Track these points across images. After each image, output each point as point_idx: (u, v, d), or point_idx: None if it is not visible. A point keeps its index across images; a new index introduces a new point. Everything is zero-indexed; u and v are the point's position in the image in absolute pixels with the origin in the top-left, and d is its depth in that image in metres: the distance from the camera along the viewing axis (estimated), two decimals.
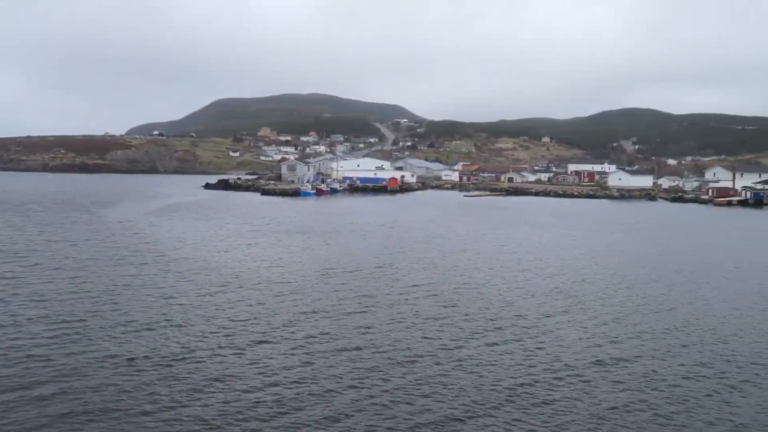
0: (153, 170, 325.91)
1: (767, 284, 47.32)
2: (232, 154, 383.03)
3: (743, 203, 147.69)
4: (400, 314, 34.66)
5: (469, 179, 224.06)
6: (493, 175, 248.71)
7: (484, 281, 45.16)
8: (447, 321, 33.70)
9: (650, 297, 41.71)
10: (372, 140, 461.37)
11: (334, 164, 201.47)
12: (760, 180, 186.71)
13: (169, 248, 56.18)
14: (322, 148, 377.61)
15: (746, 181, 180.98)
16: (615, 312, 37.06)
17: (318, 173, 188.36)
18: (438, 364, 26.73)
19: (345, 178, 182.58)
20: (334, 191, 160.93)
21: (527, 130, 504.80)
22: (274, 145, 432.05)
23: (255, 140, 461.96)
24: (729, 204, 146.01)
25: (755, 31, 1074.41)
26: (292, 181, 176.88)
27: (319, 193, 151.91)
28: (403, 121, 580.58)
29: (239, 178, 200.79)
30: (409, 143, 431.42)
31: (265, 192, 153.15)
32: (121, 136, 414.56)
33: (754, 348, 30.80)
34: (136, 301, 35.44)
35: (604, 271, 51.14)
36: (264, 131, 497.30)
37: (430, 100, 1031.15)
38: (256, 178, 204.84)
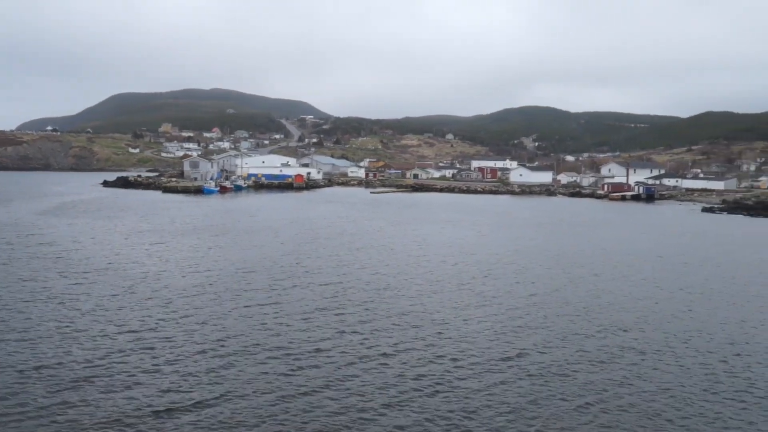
0: (46, 167, 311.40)
1: (664, 274, 49.61)
2: (131, 150, 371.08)
3: (636, 198, 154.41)
4: (312, 313, 34.34)
5: (375, 176, 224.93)
6: (399, 171, 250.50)
7: (392, 277, 45.33)
8: (357, 317, 33.64)
9: (553, 290, 42.90)
10: (277, 137, 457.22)
11: (238, 161, 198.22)
12: (651, 176, 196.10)
13: (66, 249, 53.73)
14: (226, 145, 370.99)
15: (639, 176, 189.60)
16: (520, 305, 37.93)
17: (222, 170, 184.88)
18: (347, 362, 26.63)
19: (250, 175, 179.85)
20: (238, 188, 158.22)
21: (432, 128, 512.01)
22: (176, 142, 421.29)
23: (156, 136, 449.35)
24: (623, 199, 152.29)
25: (648, 32, 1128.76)
26: (195, 179, 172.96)
27: (223, 190, 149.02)
28: (309, 117, 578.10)
29: (139, 176, 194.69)
30: (315, 140, 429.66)
31: (167, 190, 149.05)
32: (11, 131, 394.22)
33: (656, 336, 32.15)
34: (33, 307, 33.69)
35: (508, 266, 52.28)
36: (165, 127, 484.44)
37: (335, 97, 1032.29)
38: (158, 176, 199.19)
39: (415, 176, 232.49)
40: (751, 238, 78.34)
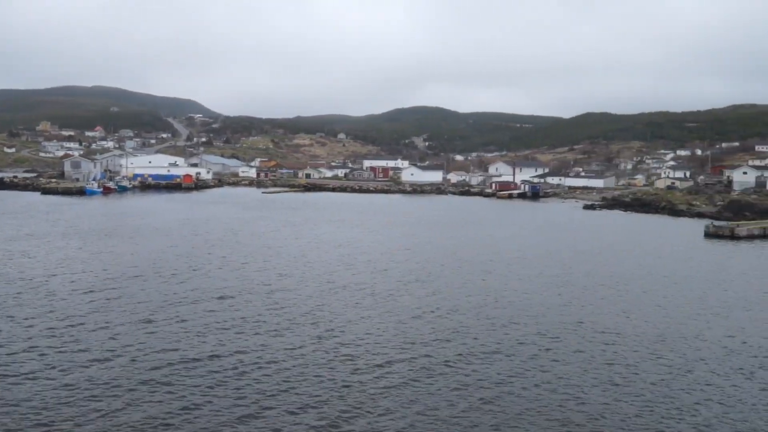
0: None
1: (550, 270, 51.37)
2: (6, 150, 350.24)
3: (523, 196, 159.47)
4: (203, 317, 33.45)
5: (266, 176, 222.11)
6: (291, 171, 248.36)
7: (287, 279, 44.80)
8: (253, 320, 33.03)
9: (444, 288, 43.59)
10: (164, 136, 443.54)
11: (123, 161, 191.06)
12: (536, 174, 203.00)
13: None
14: (110, 144, 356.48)
15: (525, 175, 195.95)
16: (413, 305, 38.31)
17: (106, 170, 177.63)
18: (242, 364, 26.10)
19: (136, 176, 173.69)
20: (123, 189, 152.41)
21: (324, 127, 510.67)
22: (55, 141, 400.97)
23: (33, 135, 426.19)
24: (510, 197, 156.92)
25: (532, 35, 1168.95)
26: (77, 179, 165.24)
27: (107, 191, 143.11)
28: (198, 116, 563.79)
29: (15, 176, 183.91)
30: (204, 139, 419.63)
31: (47, 191, 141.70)
32: None
33: (547, 329, 33.15)
34: None
35: (401, 265, 52.77)
36: (44, 125, 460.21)
37: (225, 95, 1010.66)
38: (36, 176, 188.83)
39: (308, 176, 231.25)
40: (628, 232, 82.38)
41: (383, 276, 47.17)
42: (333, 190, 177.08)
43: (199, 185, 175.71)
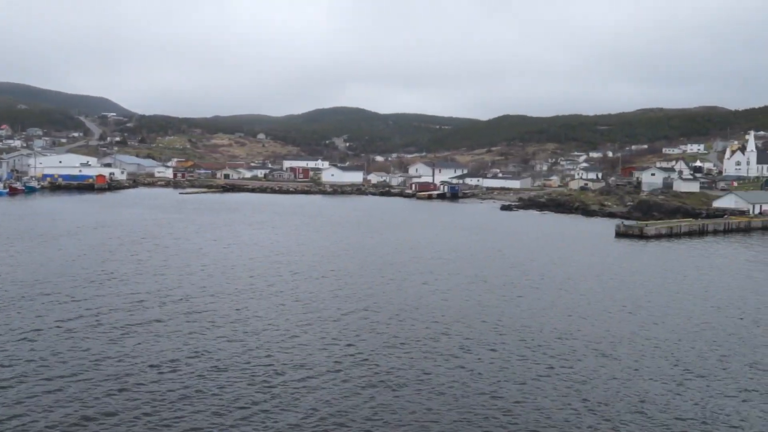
0: None
1: (468, 269, 52.04)
2: None
3: (442, 196, 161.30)
4: (120, 322, 32.47)
5: (183, 176, 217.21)
6: (209, 171, 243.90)
7: (207, 281, 43.94)
8: (175, 323, 32.25)
9: (366, 290, 43.60)
10: (76, 135, 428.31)
11: (31, 160, 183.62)
12: (455, 175, 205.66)
13: None
14: (17, 143, 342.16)
15: (444, 176, 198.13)
16: (333, 305, 38.16)
17: (12, 170, 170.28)
18: (155, 368, 25.45)
19: (45, 176, 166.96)
20: (31, 190, 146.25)
21: (243, 127, 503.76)
22: None
23: None
24: (430, 198, 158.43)
25: (452, 37, 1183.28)
26: None
27: (13, 192, 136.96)
28: (111, 114, 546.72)
29: None
30: (118, 138, 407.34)
31: None
32: None
33: (467, 325, 33.53)
34: None
35: (322, 268, 52.45)
36: None
37: (140, 94, 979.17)
38: None
39: (227, 176, 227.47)
40: (544, 232, 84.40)
41: (304, 278, 46.83)
42: (252, 190, 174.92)
43: (113, 186, 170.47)
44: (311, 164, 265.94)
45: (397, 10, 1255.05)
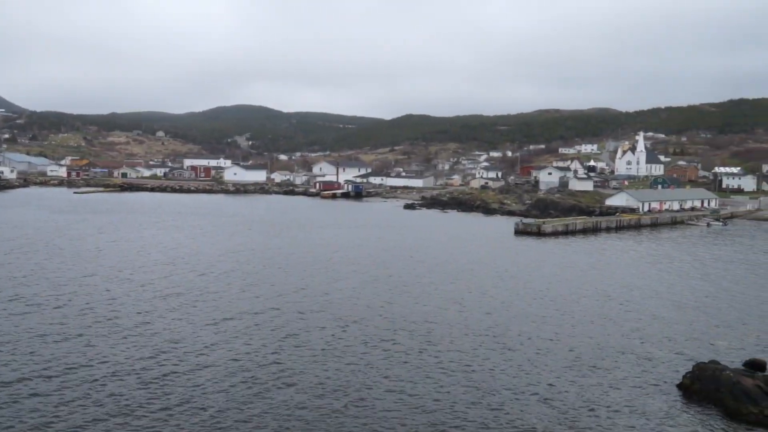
0: None
1: (370, 269, 52.33)
2: None
3: (346, 195, 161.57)
4: (14, 326, 30.89)
5: (78, 175, 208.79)
6: (106, 170, 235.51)
7: (103, 285, 42.43)
8: (76, 328, 30.96)
9: (268, 290, 43.16)
10: None
11: None
12: (359, 174, 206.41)
13: None
14: None
15: (348, 175, 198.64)
16: (233, 308, 37.62)
17: None
18: (47, 369, 24.38)
19: None
20: None
21: (141, 124, 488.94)
22: None
23: None
24: (334, 197, 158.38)
25: (356, 36, 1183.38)
26: None
27: None
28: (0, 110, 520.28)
29: None
30: (7, 136, 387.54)
31: None
32: None
33: (370, 324, 33.68)
34: None
35: (223, 269, 51.60)
36: None
37: (30, 89, 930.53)
38: None
39: (124, 175, 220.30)
40: (446, 230, 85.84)
41: (205, 280, 45.95)
42: (152, 190, 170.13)
43: (2, 185, 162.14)
44: (213, 163, 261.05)
45: (302, 7, 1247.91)
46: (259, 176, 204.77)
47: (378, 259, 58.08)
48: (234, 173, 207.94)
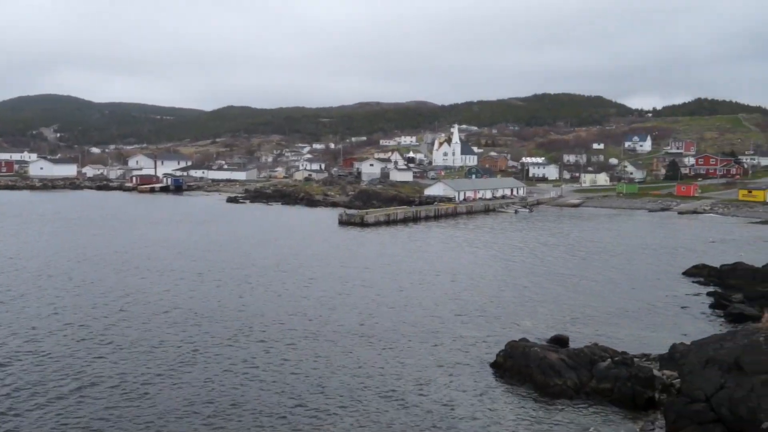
0: None
1: (189, 265, 51.02)
2: None
3: (165, 189, 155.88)
4: None
5: None
6: None
7: None
8: None
9: (72, 291, 40.99)
10: None
11: None
12: (179, 167, 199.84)
13: None
14: None
15: (167, 168, 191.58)
16: (38, 313, 35.42)
17: None
18: None
19: None
20: None
21: None
22: None
23: None
24: (152, 191, 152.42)
25: (172, 21, 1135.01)
26: None
27: None
28: None
29: None
30: None
31: None
32: None
33: (185, 317, 32.80)
34: None
35: (19, 269, 48.39)
36: None
37: None
38: None
39: None
40: (271, 223, 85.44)
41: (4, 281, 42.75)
42: None
43: None
44: (16, 156, 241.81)
45: None
46: (69, 170, 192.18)
47: (198, 256, 56.67)
48: (40, 167, 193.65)
